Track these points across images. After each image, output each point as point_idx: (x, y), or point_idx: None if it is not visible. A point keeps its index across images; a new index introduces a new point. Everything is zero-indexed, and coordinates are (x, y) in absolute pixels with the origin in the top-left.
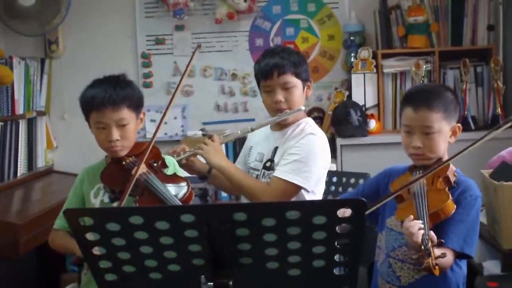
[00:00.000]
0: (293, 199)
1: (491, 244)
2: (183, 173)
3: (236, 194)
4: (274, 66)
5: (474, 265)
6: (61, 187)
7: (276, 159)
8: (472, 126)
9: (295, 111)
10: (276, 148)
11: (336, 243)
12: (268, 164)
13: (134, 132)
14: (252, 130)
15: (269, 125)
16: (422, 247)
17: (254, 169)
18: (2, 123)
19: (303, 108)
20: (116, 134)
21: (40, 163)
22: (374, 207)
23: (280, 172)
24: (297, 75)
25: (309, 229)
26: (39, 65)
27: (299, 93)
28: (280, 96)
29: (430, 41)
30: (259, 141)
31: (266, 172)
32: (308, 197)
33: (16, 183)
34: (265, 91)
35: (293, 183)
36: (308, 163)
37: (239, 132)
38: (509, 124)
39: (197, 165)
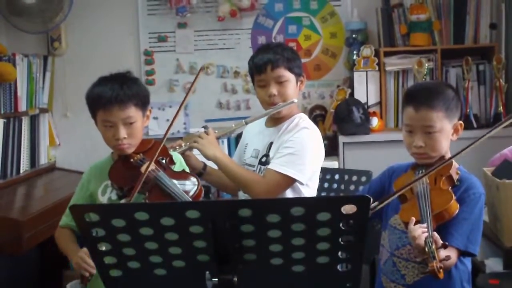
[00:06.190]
0: (289, 193)
1: (493, 242)
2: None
3: (231, 192)
4: (268, 60)
5: (476, 263)
6: (64, 184)
7: (271, 154)
8: (474, 124)
9: (288, 103)
10: (271, 144)
11: (340, 240)
12: (263, 159)
13: (141, 130)
14: (247, 123)
15: (264, 122)
16: (426, 249)
17: (250, 165)
18: (5, 120)
19: (295, 100)
20: (123, 132)
21: (43, 160)
22: (378, 207)
23: (274, 164)
24: (290, 70)
25: (313, 226)
26: (42, 62)
27: (293, 87)
28: (274, 89)
29: (432, 39)
30: (254, 138)
31: (262, 167)
32: (303, 190)
33: (18, 180)
34: (259, 85)
35: (287, 175)
36: (302, 156)
37: (233, 125)
38: (510, 121)
39: (192, 161)
